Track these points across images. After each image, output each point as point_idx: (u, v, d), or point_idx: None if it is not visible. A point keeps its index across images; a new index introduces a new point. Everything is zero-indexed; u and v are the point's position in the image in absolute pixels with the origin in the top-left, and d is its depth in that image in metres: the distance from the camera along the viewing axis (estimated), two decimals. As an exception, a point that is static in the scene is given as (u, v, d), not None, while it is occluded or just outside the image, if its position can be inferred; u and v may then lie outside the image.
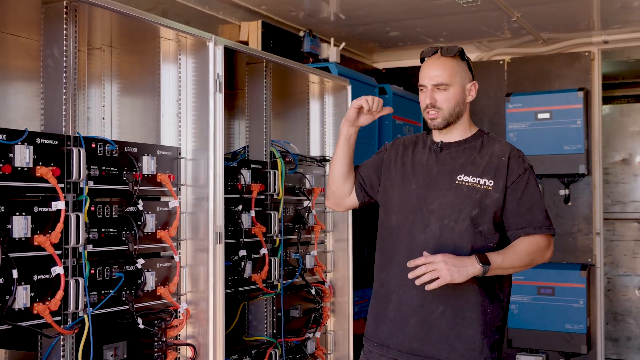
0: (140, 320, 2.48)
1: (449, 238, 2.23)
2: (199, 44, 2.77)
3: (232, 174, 3.00)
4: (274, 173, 3.22)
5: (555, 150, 4.94)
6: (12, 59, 2.62)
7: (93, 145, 2.36)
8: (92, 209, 2.35)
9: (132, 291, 2.48)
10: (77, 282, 2.23)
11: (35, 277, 2.13)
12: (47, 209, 2.16)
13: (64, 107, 2.27)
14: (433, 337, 2.24)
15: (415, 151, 2.40)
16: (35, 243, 2.12)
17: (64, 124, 2.27)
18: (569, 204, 5.20)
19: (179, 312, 2.69)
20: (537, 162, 4.42)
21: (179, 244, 2.71)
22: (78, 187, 2.28)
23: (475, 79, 2.37)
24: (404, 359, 2.28)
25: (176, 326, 2.68)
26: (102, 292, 2.36)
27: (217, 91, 2.75)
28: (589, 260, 5.15)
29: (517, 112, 5.05)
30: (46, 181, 2.16)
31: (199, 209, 2.74)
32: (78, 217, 2.23)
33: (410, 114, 5.00)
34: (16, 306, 2.07)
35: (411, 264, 2.15)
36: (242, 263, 3.02)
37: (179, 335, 2.72)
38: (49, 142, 2.19)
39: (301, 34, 4.66)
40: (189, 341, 2.73)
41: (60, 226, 2.17)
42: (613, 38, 5.09)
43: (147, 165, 2.57)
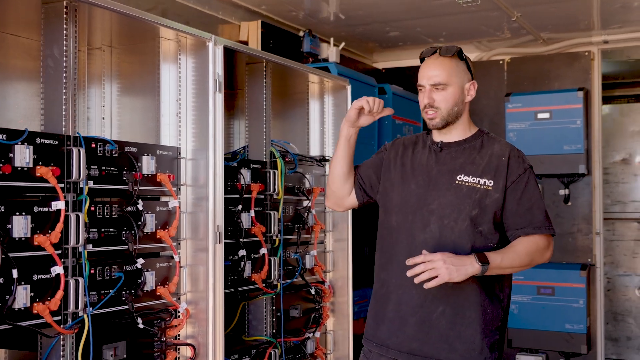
0: (140, 320, 2.48)
1: (449, 238, 2.23)
2: (199, 44, 2.77)
3: (231, 174, 3.00)
4: (274, 173, 3.22)
5: (555, 150, 4.94)
6: (12, 59, 2.62)
7: (93, 145, 2.37)
8: (92, 208, 2.35)
9: (132, 291, 2.48)
10: (77, 282, 2.23)
11: (35, 277, 2.13)
12: (47, 209, 2.16)
13: (64, 107, 2.27)
14: (433, 337, 2.24)
15: (415, 151, 2.40)
16: (35, 243, 2.12)
17: (64, 123, 2.27)
18: (569, 203, 5.20)
19: (179, 311, 2.69)
20: (537, 162, 4.42)
21: (179, 243, 2.71)
22: (78, 187, 2.28)
23: (474, 79, 2.36)
24: (403, 359, 2.27)
25: (176, 326, 2.68)
26: (102, 291, 2.37)
27: (216, 91, 2.75)
28: (589, 260, 5.14)
29: (517, 112, 5.04)
30: (46, 181, 2.16)
31: (198, 208, 2.74)
32: (78, 217, 2.23)
33: (410, 114, 4.99)
34: (16, 306, 2.07)
35: (410, 262, 2.15)
36: (242, 263, 3.02)
37: (179, 335, 2.72)
38: (49, 142, 2.19)
39: (301, 33, 4.65)
40: (188, 341, 2.73)
41: (60, 226, 2.17)
42: (613, 38, 5.09)
43: (147, 165, 2.57)
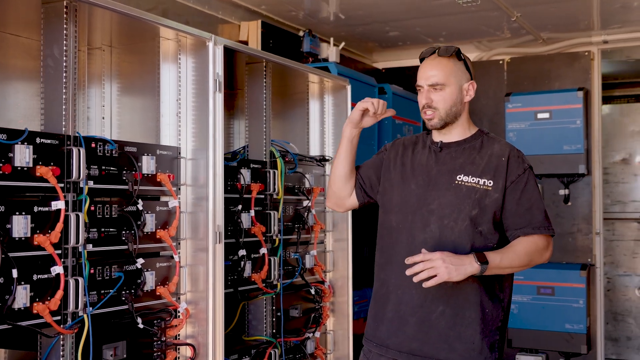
0: (139, 320, 2.48)
1: (449, 238, 2.23)
2: (199, 43, 2.77)
3: (231, 174, 3.00)
4: (274, 173, 3.22)
5: (555, 150, 4.94)
6: (12, 58, 2.62)
7: (93, 145, 2.37)
8: (92, 208, 2.35)
9: (132, 291, 2.48)
10: (77, 282, 2.23)
11: (35, 277, 2.13)
12: (47, 209, 2.17)
13: (64, 107, 2.27)
14: (432, 337, 2.24)
15: (415, 151, 2.40)
16: (35, 243, 2.12)
17: (63, 123, 2.27)
18: (569, 203, 5.20)
19: (179, 311, 2.70)
20: (536, 162, 4.42)
21: (179, 243, 2.71)
22: (78, 186, 2.28)
23: (474, 79, 2.36)
24: (403, 358, 2.27)
25: (176, 326, 2.68)
26: (102, 291, 2.37)
27: (216, 91, 2.75)
28: (589, 260, 5.15)
29: (517, 111, 5.04)
30: (46, 181, 2.16)
31: (198, 208, 2.74)
32: (78, 216, 2.23)
33: (410, 114, 4.99)
34: (16, 306, 2.07)
35: (409, 261, 2.15)
36: (242, 263, 3.02)
37: (179, 335, 2.72)
38: (48, 141, 2.19)
39: (301, 33, 4.66)
40: (188, 341, 2.73)
41: (60, 226, 2.17)
42: (613, 38, 5.09)
43: (147, 165, 2.57)
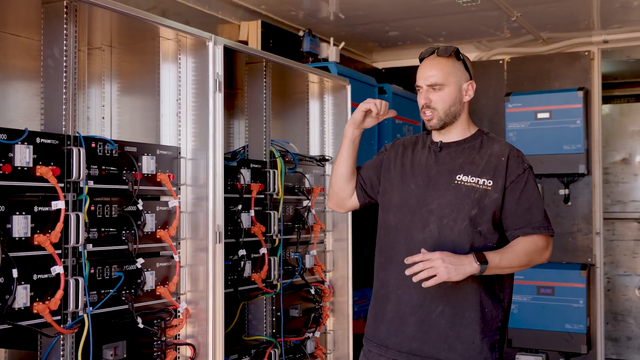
0: (139, 320, 2.48)
1: (448, 238, 2.23)
2: (199, 43, 2.77)
3: (231, 174, 3.00)
4: (274, 172, 3.22)
5: (555, 150, 4.94)
6: (12, 58, 2.63)
7: (93, 145, 2.37)
8: (92, 208, 2.35)
9: (132, 291, 2.48)
10: (77, 282, 2.23)
11: (35, 277, 2.13)
12: (47, 209, 2.17)
13: (64, 107, 2.27)
14: (432, 337, 2.24)
15: (414, 151, 2.40)
16: (35, 242, 2.12)
17: (64, 123, 2.27)
18: (569, 203, 5.20)
19: (179, 311, 2.70)
20: (536, 162, 4.43)
21: (179, 243, 2.71)
22: (78, 186, 2.28)
23: (474, 79, 2.36)
24: (403, 358, 2.28)
25: (176, 326, 2.68)
26: (102, 291, 2.37)
27: (216, 91, 2.75)
28: (589, 260, 5.15)
29: (517, 111, 5.04)
30: (46, 181, 2.16)
31: (198, 208, 2.74)
32: (78, 216, 2.23)
33: (410, 114, 4.99)
34: (16, 305, 2.07)
35: (408, 260, 2.15)
36: (242, 262, 3.02)
37: (179, 334, 2.72)
38: (49, 141, 2.19)
39: (301, 33, 4.66)
40: (188, 341, 2.73)
41: (60, 226, 2.17)
42: (613, 38, 5.09)
43: (147, 164, 2.57)
